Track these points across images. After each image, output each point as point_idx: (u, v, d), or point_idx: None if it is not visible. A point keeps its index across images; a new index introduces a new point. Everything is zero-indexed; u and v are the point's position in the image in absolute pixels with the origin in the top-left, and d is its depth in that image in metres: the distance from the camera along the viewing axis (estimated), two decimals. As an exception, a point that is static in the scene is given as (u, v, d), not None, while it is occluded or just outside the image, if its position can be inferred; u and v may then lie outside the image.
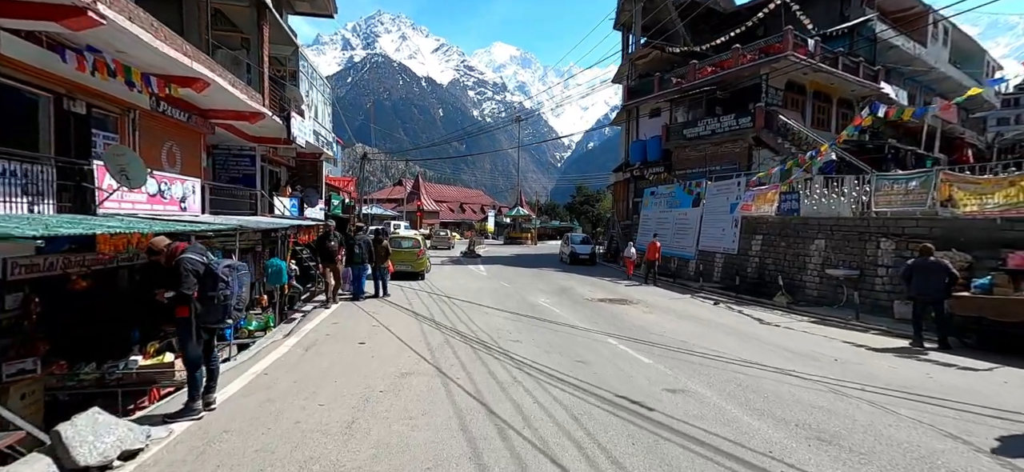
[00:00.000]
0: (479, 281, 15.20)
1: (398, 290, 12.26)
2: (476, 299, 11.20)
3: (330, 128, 19.96)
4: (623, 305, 10.92)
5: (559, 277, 17.02)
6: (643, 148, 23.70)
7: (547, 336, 7.30)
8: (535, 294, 12.45)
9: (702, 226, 16.54)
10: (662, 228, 20.01)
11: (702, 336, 7.55)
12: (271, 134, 14.52)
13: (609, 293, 13.13)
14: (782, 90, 19.55)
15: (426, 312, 9.26)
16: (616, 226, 25.08)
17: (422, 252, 16.39)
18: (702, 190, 17.10)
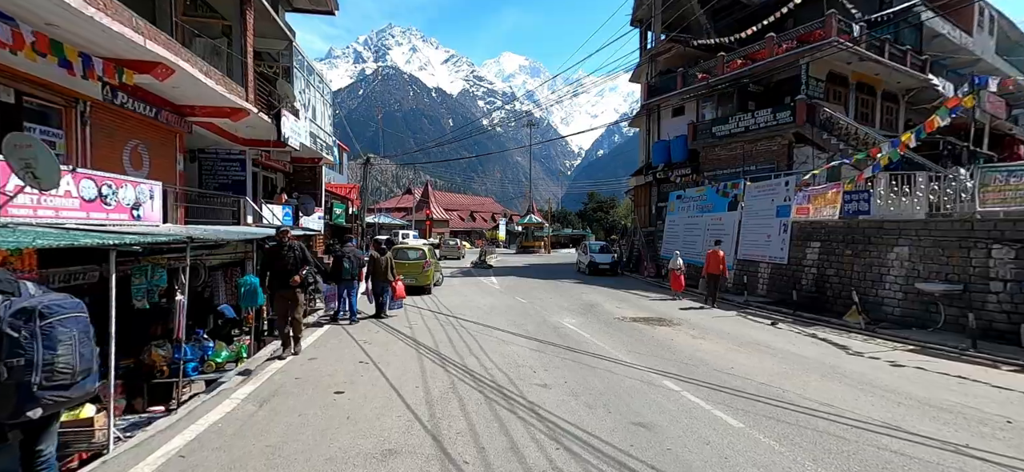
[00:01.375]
0: (492, 296, 13.54)
1: (399, 309, 10.65)
2: (489, 320, 9.54)
3: (330, 131, 18.61)
4: (664, 327, 9.16)
5: (580, 290, 15.29)
6: (666, 149, 21.94)
7: (584, 377, 5.60)
8: (557, 312, 10.75)
9: (741, 232, 14.71)
10: (691, 235, 18.19)
11: (788, 376, 5.78)
12: (261, 135, 13.15)
13: (642, 310, 11.36)
14: (823, 81, 17.69)
15: (429, 339, 7.63)
16: (638, 233, 23.28)
17: (428, 264, 14.86)
18: (740, 192, 15.28)
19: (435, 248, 18.72)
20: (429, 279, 14.65)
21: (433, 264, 15.55)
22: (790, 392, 5.09)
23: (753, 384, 5.39)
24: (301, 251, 6.89)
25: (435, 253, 18.23)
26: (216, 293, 8.43)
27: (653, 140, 24.21)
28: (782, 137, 16.94)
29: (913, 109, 22.13)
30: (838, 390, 5.22)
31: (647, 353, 6.92)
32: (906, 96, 21.13)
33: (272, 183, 17.06)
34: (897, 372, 6.06)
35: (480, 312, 10.62)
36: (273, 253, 6.92)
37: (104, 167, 7.59)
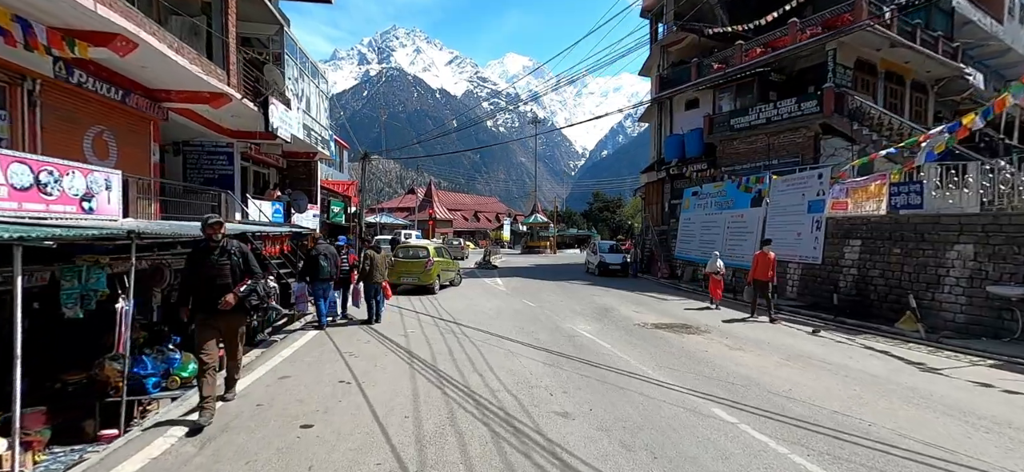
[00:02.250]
0: (497, 299, 12.52)
1: (396, 313, 9.65)
2: (495, 327, 8.52)
3: (327, 125, 17.67)
4: (693, 336, 8.10)
5: (592, 293, 14.23)
6: (680, 143, 20.84)
7: (612, 402, 4.57)
8: (570, 317, 9.71)
9: (766, 230, 13.59)
10: (709, 233, 17.09)
11: (863, 401, 4.72)
12: (249, 126, 12.22)
13: (663, 316, 10.30)
14: (851, 69, 16.55)
15: (426, 351, 6.61)
16: (651, 232, 22.18)
17: (430, 263, 13.95)
18: (765, 187, 14.16)
19: (450, 247, 17.67)
20: (431, 278, 13.75)
21: (439, 263, 14.67)
22: (877, 426, 4.03)
23: (825, 413, 4.33)
24: (242, 257, 4.56)
25: (449, 252, 17.09)
26: (184, 297, 7.44)
27: (665, 135, 23.12)
28: (807, 128, 15.81)
29: (942, 101, 20.93)
30: (936, 423, 4.15)
31: (681, 369, 5.87)
32: (936, 86, 19.92)
33: (264, 179, 16.14)
34: (995, 396, 4.97)
35: (485, 317, 9.59)
36: (195, 259, 4.50)
37: (61, 155, 6.64)
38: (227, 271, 4.43)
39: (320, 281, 8.04)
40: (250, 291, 4.51)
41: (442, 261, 15.26)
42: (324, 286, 8.11)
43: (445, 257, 16.03)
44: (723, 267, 11.91)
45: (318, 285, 8.11)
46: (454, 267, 16.52)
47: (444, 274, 15.18)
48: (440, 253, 15.79)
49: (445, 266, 15.48)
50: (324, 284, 8.09)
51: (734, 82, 18.55)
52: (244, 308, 4.53)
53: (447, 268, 15.70)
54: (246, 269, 4.57)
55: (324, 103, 17.21)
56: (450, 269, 15.96)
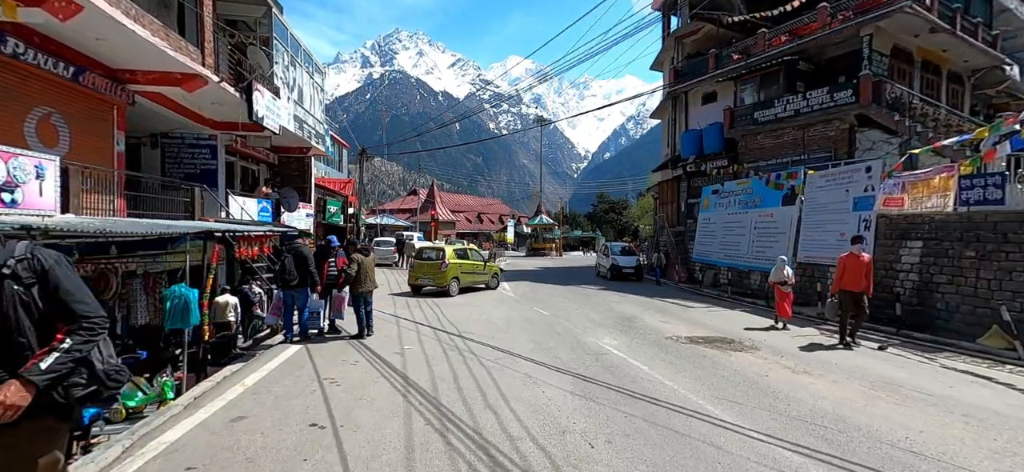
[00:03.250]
0: (506, 306, 11.31)
1: (391, 324, 8.45)
2: (507, 341, 7.31)
3: (322, 119, 16.54)
4: (740, 354, 6.88)
5: (608, 299, 13.00)
6: (698, 138, 19.60)
7: (678, 461, 3.37)
8: (591, 329, 8.49)
9: (801, 230, 12.35)
10: (732, 235, 15.85)
11: (1008, 455, 3.49)
12: (232, 115, 11.08)
13: (695, 326, 9.07)
14: (887, 57, 15.30)
15: (426, 375, 5.41)
16: (666, 233, 20.93)
17: (445, 264, 13.25)
18: (799, 183, 12.92)
19: (475, 250, 16.54)
20: (445, 280, 13.21)
21: (456, 266, 13.80)
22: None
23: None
24: (43, 285, 1.81)
25: (479, 255, 15.95)
26: (134, 309, 6.27)
27: (680, 130, 21.89)
28: (841, 121, 14.56)
29: (977, 93, 19.64)
30: None
31: (746, 401, 4.65)
32: (972, 78, 18.63)
33: (253, 175, 15.01)
34: None
35: (494, 329, 8.38)
36: None
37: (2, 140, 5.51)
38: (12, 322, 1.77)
39: (289, 289, 6.82)
40: (61, 370, 1.77)
41: (462, 263, 14.23)
42: (294, 294, 6.89)
43: (470, 259, 14.82)
44: (792, 275, 9.52)
45: (286, 293, 6.91)
46: (485, 269, 15.21)
47: (465, 276, 14.15)
48: (462, 255, 14.74)
49: (467, 268, 14.40)
50: (295, 292, 6.87)
51: (758, 73, 17.32)
52: (53, 407, 1.81)
53: (472, 271, 14.59)
54: (52, 312, 1.84)
55: (319, 96, 16.09)
56: (476, 271, 14.76)
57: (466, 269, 14.31)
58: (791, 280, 9.32)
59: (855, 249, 7.76)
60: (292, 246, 6.92)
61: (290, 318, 7.04)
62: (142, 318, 6.21)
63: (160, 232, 5.49)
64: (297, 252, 6.85)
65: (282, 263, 6.70)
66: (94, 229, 4.64)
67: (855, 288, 7.45)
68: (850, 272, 7.55)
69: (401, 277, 18.29)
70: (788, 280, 9.25)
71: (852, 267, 7.55)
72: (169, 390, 5.57)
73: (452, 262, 13.62)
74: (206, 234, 6.16)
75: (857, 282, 7.46)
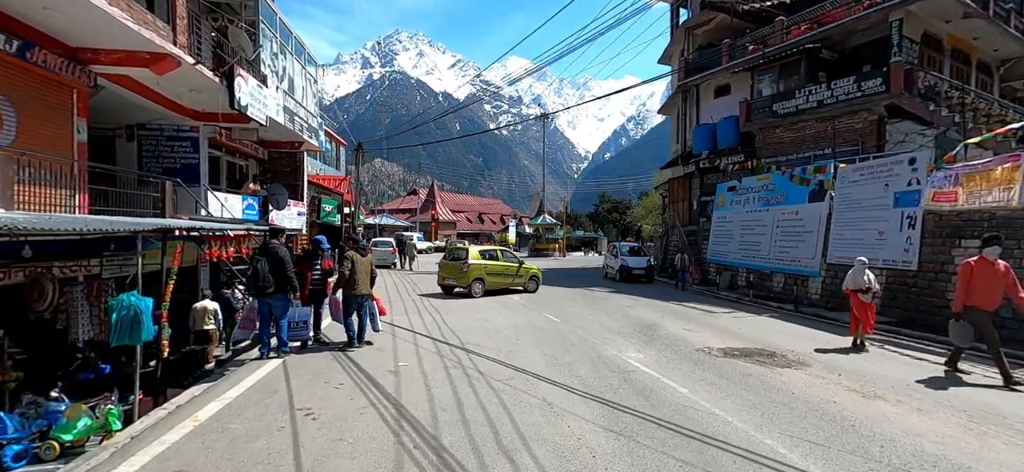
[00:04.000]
0: (512, 311, 10.36)
1: (386, 333, 7.49)
2: (517, 355, 6.37)
3: (316, 112, 15.60)
4: (788, 370, 5.94)
5: (621, 303, 12.04)
6: (711, 133, 18.67)
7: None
8: (610, 339, 7.54)
9: (833, 228, 11.40)
10: (752, 234, 14.89)
11: None
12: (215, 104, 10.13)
13: (725, 335, 8.12)
14: (918, 44, 14.35)
15: (423, 402, 4.48)
16: (677, 232, 19.97)
17: (467, 264, 13.03)
18: (828, 177, 11.97)
19: (500, 249, 15.51)
20: (466, 281, 12.86)
21: (479, 267, 13.16)
22: None
23: None
24: None
25: (512, 256, 14.92)
26: (75, 322, 5.32)
27: (691, 125, 20.95)
28: (869, 111, 13.60)
29: (1004, 84, 18.69)
30: None
31: (827, 441, 3.70)
32: (1001, 68, 17.69)
33: (241, 171, 14.08)
34: None
35: (501, 339, 7.44)
36: None
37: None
38: None
39: (264, 296, 5.85)
40: None
41: (488, 264, 13.47)
42: (270, 303, 5.94)
43: (500, 260, 13.94)
44: (874, 281, 7.43)
45: (261, 302, 5.95)
46: (519, 271, 14.16)
47: (491, 279, 13.37)
48: (490, 256, 13.94)
49: (495, 270, 13.56)
50: (271, 300, 5.91)
51: (776, 62, 16.38)
52: None
53: (501, 272, 13.69)
54: None
55: (312, 88, 15.15)
56: (507, 273, 13.84)
57: (493, 271, 13.48)
58: (874, 287, 7.33)
59: (988, 253, 5.60)
60: (267, 247, 5.96)
61: (266, 331, 6.08)
62: (85, 333, 5.26)
63: (93, 231, 4.54)
64: (272, 254, 5.88)
65: (255, 268, 5.73)
66: (26, 225, 3.69)
67: (989, 306, 5.51)
68: (982, 284, 5.52)
69: (402, 279, 17.38)
70: (870, 287, 7.24)
71: (985, 278, 5.52)
72: (115, 420, 4.62)
73: (475, 263, 13.14)
74: (162, 232, 5.21)
75: (991, 298, 5.51)
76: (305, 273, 6.55)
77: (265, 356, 5.92)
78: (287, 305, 6.06)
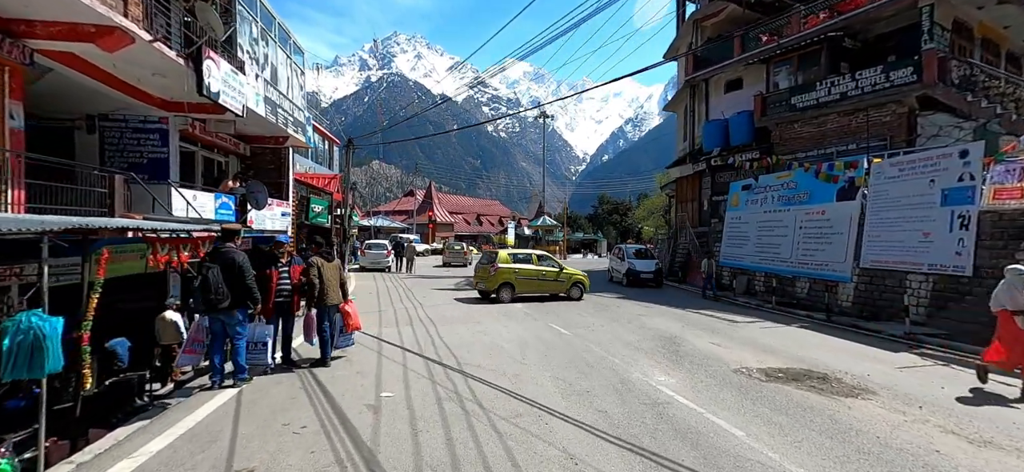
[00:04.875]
0: (515, 322, 9.29)
1: (372, 348, 6.41)
2: (524, 380, 5.32)
3: (303, 106, 14.54)
4: (857, 400, 4.91)
5: (633, 311, 10.99)
6: (723, 129, 17.68)
7: None
8: (630, 356, 6.49)
9: (867, 229, 10.39)
10: (771, 235, 13.89)
11: None
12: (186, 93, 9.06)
13: (759, 350, 7.08)
14: (949, 31, 13.39)
15: (407, 449, 3.43)
16: (687, 234, 18.95)
17: (495, 268, 12.13)
18: (860, 173, 10.97)
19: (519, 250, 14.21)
20: (493, 285, 12.01)
21: (508, 271, 12.17)
22: None
23: None
24: None
25: (555, 259, 13.64)
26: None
27: (700, 121, 19.97)
28: (899, 104, 12.63)
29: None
30: None
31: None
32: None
33: (220, 167, 12.99)
34: None
35: (504, 357, 6.38)
36: None
37: None
38: None
39: (216, 312, 4.76)
40: None
41: (519, 268, 12.38)
42: (224, 320, 4.89)
43: (534, 264, 12.69)
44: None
45: (213, 318, 4.87)
46: (559, 276, 12.81)
47: (523, 283, 12.27)
48: (523, 260, 12.76)
49: (528, 274, 12.41)
50: (224, 316, 4.86)
51: (794, 53, 15.41)
52: None
53: (534, 276, 12.47)
54: None
55: (299, 80, 14.08)
56: (543, 278, 12.59)
57: (525, 275, 12.35)
58: None
59: None
60: (220, 251, 4.88)
61: (219, 352, 4.98)
62: None
63: None
64: (227, 260, 4.79)
65: (204, 277, 4.65)
66: None
67: None
68: None
69: (397, 284, 16.30)
70: None
71: None
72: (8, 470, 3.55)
73: (503, 266, 12.17)
74: (84, 234, 4.14)
75: None
76: (269, 282, 5.47)
77: (217, 385, 4.84)
78: (245, 322, 4.97)
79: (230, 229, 5.06)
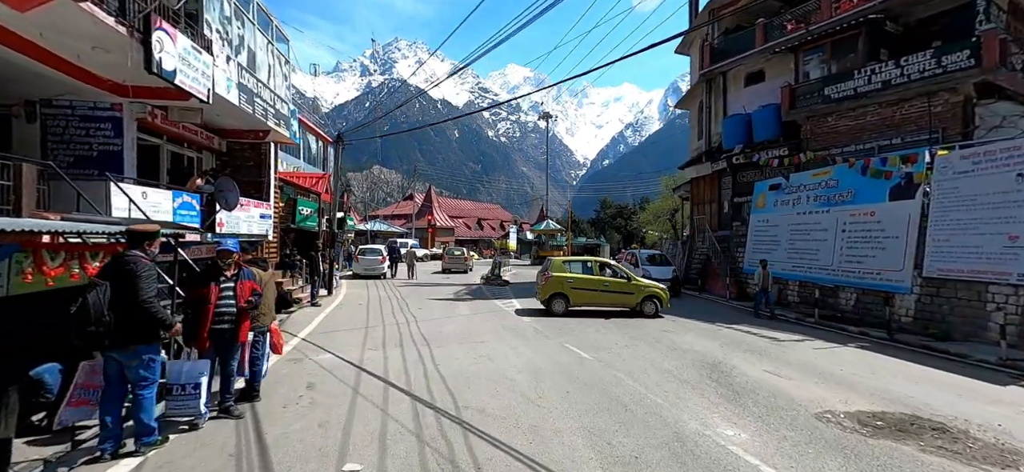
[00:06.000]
0: (525, 343, 7.85)
1: (346, 380, 4.99)
2: (542, 436, 3.92)
3: (288, 98, 13.19)
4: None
5: (660, 327, 9.55)
6: (745, 125, 16.31)
7: None
8: (678, 394, 5.07)
9: (931, 232, 8.98)
10: (805, 239, 12.48)
11: None
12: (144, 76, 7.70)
13: (830, 382, 5.66)
14: (1005, 13, 12.03)
15: None
16: (706, 238, 17.53)
17: (548, 276, 10.90)
18: (919, 168, 9.57)
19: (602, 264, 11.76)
20: (544, 295, 10.83)
21: (560, 279, 10.82)
22: None
23: None
24: None
25: (621, 269, 11.50)
26: None
27: (718, 117, 18.61)
28: (953, 91, 11.25)
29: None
30: None
31: None
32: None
33: (192, 164, 11.61)
34: None
35: (516, 396, 4.96)
36: None
37: None
38: None
39: (115, 348, 3.32)
40: None
41: (577, 277, 10.94)
42: (120, 359, 3.42)
43: (596, 274, 11.05)
44: None
45: (107, 358, 3.44)
46: (628, 287, 10.87)
47: (581, 294, 10.75)
48: (584, 269, 11.21)
49: (588, 285, 10.84)
50: (121, 355, 3.41)
51: (826, 39, 14.04)
52: None
53: (596, 287, 10.79)
54: None
55: (283, 69, 12.74)
56: (605, 289, 10.83)
57: (585, 285, 10.83)
58: None
59: None
60: (118, 261, 3.44)
61: (112, 406, 3.49)
62: None
63: None
64: (123, 274, 3.35)
65: (83, 300, 3.19)
66: None
67: None
68: None
69: (392, 293, 14.88)
70: None
71: None
72: None
73: (556, 275, 10.92)
74: None
75: None
76: (204, 303, 4.05)
77: (108, 454, 3.39)
78: (153, 362, 3.54)
79: (139, 231, 3.65)
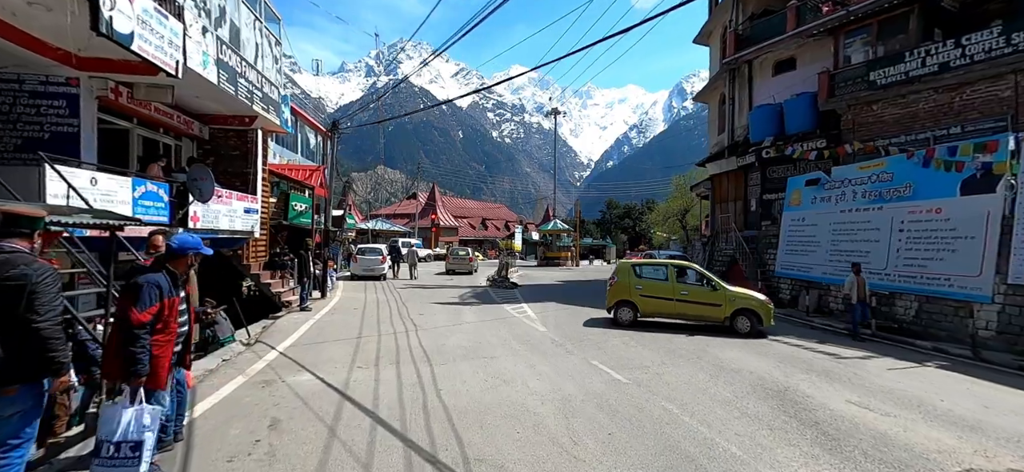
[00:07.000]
0: (545, 361, 6.61)
1: (319, 420, 3.78)
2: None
3: (279, 82, 12.02)
4: None
5: (699, 343, 8.27)
6: (776, 115, 15.01)
7: None
8: (753, 437, 3.83)
9: (1018, 232, 7.66)
10: (852, 240, 11.18)
11: None
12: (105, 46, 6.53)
13: (939, 420, 4.41)
14: (1079, -16, 10.69)
15: None
16: (732, 239, 16.21)
17: (613, 281, 9.85)
18: (1000, 157, 8.26)
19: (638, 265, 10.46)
20: (609, 301, 9.79)
21: (625, 285, 9.61)
22: None
23: None
24: None
25: (706, 276, 9.48)
26: None
27: (742, 108, 17.31)
28: (1023, 74, 9.93)
29: None
30: None
31: None
32: None
33: (169, 152, 10.47)
34: None
35: (542, 441, 3.74)
36: None
37: None
38: None
39: None
40: None
41: (647, 284, 9.51)
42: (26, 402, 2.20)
43: (671, 282, 9.37)
44: None
45: None
46: (714, 297, 9.04)
47: (651, 303, 9.37)
48: (657, 276, 9.61)
49: (659, 292, 9.37)
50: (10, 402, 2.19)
51: (872, 19, 12.72)
52: None
53: (669, 296, 9.26)
54: None
55: (273, 49, 11.58)
56: (684, 299, 9.17)
57: (655, 292, 9.37)
58: None
59: None
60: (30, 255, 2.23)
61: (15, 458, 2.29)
62: None
63: None
64: (6, 275, 2.13)
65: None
66: None
67: None
68: None
69: (391, 295, 13.66)
70: None
71: None
72: None
73: (622, 280, 9.72)
74: None
75: None
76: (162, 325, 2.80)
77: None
78: (31, 411, 2.29)
79: (15, 214, 2.45)
